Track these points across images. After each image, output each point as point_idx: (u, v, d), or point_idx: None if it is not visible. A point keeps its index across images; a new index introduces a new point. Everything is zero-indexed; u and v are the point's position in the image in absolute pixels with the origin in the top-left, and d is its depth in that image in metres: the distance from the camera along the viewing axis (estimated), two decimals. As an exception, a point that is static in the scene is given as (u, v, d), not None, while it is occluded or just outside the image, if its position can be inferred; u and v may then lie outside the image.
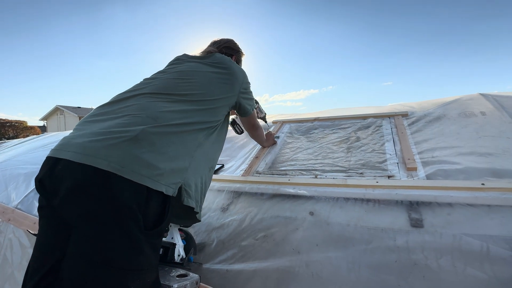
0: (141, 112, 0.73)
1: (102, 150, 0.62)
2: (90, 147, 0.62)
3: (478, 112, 1.48)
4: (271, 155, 1.56)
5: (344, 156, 1.37)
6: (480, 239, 0.76)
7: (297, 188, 1.14)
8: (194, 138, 0.78)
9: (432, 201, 0.92)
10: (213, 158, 0.89)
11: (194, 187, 0.76)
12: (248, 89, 1.05)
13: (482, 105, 1.55)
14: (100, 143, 0.63)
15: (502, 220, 0.80)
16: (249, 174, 1.38)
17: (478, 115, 1.44)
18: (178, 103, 0.80)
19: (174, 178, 0.69)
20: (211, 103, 0.87)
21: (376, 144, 1.41)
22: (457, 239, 0.78)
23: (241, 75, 1.01)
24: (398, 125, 1.54)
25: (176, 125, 0.74)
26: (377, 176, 1.12)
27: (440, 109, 1.63)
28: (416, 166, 1.11)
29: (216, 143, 0.91)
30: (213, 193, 1.31)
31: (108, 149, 0.62)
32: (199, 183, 0.79)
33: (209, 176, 0.87)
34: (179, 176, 0.70)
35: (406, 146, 1.28)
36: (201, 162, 0.80)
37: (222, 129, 0.97)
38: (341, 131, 1.69)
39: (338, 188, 1.08)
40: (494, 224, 0.79)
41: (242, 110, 1.07)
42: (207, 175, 0.85)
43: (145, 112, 0.73)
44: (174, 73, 0.92)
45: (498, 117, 1.37)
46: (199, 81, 0.89)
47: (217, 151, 0.93)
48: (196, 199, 0.77)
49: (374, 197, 0.99)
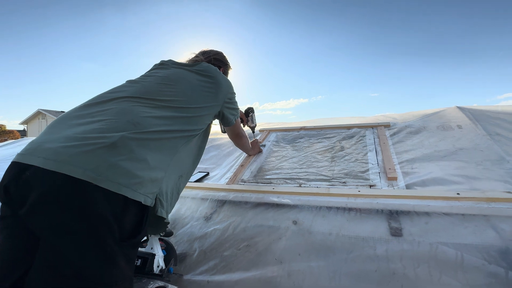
0: (121, 116, 0.71)
1: (76, 156, 0.59)
2: (63, 153, 0.59)
3: (455, 125, 1.55)
4: (257, 164, 1.56)
5: (328, 165, 1.39)
6: (455, 247, 0.79)
7: (281, 197, 1.15)
8: (173, 146, 0.77)
9: (411, 210, 0.94)
10: (185, 166, 0.87)
11: (165, 196, 0.74)
12: (232, 99, 1.05)
13: (459, 118, 1.63)
14: (75, 149, 0.60)
15: (475, 229, 0.83)
16: (234, 183, 1.37)
17: (455, 129, 1.51)
18: (159, 109, 0.79)
19: (152, 187, 0.67)
20: (193, 111, 0.86)
21: (359, 154, 1.45)
22: (434, 248, 0.81)
23: (226, 84, 1.01)
24: (381, 135, 1.59)
25: (156, 132, 0.72)
26: (360, 185, 1.14)
27: (420, 121, 1.69)
28: (396, 176, 1.14)
29: (192, 152, 0.90)
30: (196, 201, 1.29)
31: (84, 156, 0.59)
32: (169, 192, 0.77)
33: (178, 185, 0.84)
34: (156, 185, 0.69)
35: (388, 156, 1.32)
36: (174, 171, 0.78)
37: (202, 137, 0.96)
38: (326, 141, 1.72)
39: (321, 197, 1.09)
40: (468, 233, 0.82)
41: (225, 120, 1.07)
42: (177, 183, 0.82)
43: (125, 117, 0.71)
44: (158, 78, 0.91)
45: (473, 130, 1.45)
46: (183, 88, 0.88)
47: (191, 159, 0.91)
48: (167, 209, 0.76)
49: (356, 206, 1.01)
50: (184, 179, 0.89)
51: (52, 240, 0.55)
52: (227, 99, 1.01)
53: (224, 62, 1.22)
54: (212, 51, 1.21)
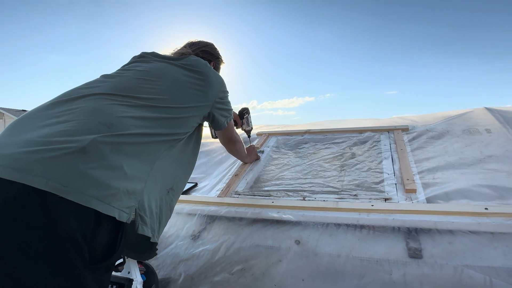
0: (92, 116, 0.70)
1: (38, 164, 0.58)
2: (22, 160, 0.58)
3: (483, 129, 1.57)
4: (254, 173, 1.57)
5: (337, 175, 1.40)
6: (483, 271, 0.80)
7: (281, 212, 1.16)
8: (154, 152, 0.77)
9: (432, 227, 0.95)
10: (173, 177, 0.86)
11: (148, 211, 0.73)
12: (224, 99, 1.06)
13: (487, 121, 1.65)
14: (36, 155, 0.59)
15: (506, 249, 0.84)
16: (227, 195, 1.38)
17: (483, 133, 1.54)
18: (138, 108, 0.79)
19: (129, 200, 0.66)
20: (178, 111, 0.86)
21: (373, 162, 1.46)
22: (459, 272, 0.82)
23: (217, 82, 1.02)
24: (398, 140, 1.61)
25: (134, 135, 0.72)
26: (373, 199, 1.15)
27: (443, 124, 1.72)
28: (415, 188, 1.15)
29: (180, 159, 0.90)
30: (182, 217, 1.29)
31: (47, 163, 0.58)
32: (154, 207, 0.76)
33: (168, 200, 0.83)
34: (134, 198, 0.68)
35: (406, 165, 1.34)
36: (158, 181, 0.77)
37: (190, 142, 0.96)
38: (335, 146, 1.74)
39: (329, 212, 1.10)
40: (498, 255, 0.83)
41: (215, 122, 1.07)
42: (165, 198, 0.81)
43: (97, 117, 0.70)
44: (137, 72, 0.91)
45: (504, 135, 1.47)
46: (167, 85, 0.88)
47: (180, 169, 0.91)
48: (152, 226, 0.74)
49: (369, 222, 1.02)
50: (176, 193, 0.89)
51: (8, 261, 0.54)
52: (218, 99, 1.01)
53: (215, 55, 1.23)
54: (202, 43, 1.22)
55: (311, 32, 71.05)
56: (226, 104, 1.08)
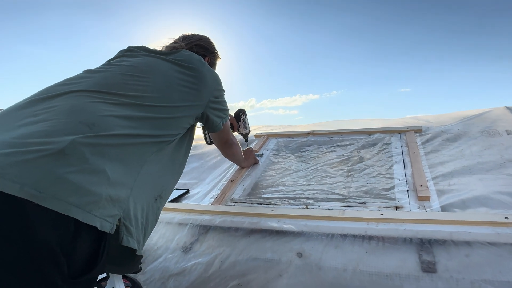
0: (72, 115, 0.70)
1: (12, 168, 0.57)
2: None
3: (504, 130, 1.59)
4: (251, 179, 1.57)
5: (343, 181, 1.41)
6: (503, 287, 0.81)
7: (282, 222, 1.16)
8: (140, 155, 0.77)
9: (448, 238, 0.96)
10: (162, 183, 0.87)
11: (134, 221, 0.73)
12: (220, 99, 1.06)
13: (508, 121, 1.67)
14: (10, 158, 0.58)
15: (527, 262, 0.85)
16: (222, 203, 1.38)
17: (503, 134, 1.55)
18: (124, 106, 0.79)
19: (113, 208, 0.66)
20: (167, 111, 0.87)
21: (382, 166, 1.48)
22: (476, 287, 0.82)
23: (212, 79, 1.03)
24: (410, 143, 1.62)
25: (118, 136, 0.72)
26: (382, 207, 1.16)
27: (460, 125, 1.73)
28: (429, 195, 1.17)
29: (170, 163, 0.90)
30: (172, 227, 1.30)
31: (22, 167, 0.58)
32: (140, 216, 0.76)
33: (155, 209, 0.83)
34: (118, 205, 0.68)
35: (419, 170, 1.35)
36: (145, 187, 0.78)
37: (182, 145, 0.97)
38: (341, 149, 1.75)
39: (334, 222, 1.11)
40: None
41: (209, 124, 1.07)
42: (152, 206, 0.82)
43: (78, 116, 0.70)
44: (124, 68, 0.91)
45: (526, 137, 1.48)
46: (156, 82, 0.89)
47: (170, 174, 0.91)
48: (138, 238, 0.74)
49: (378, 233, 1.03)
50: (163, 200, 0.89)
51: None
52: (212, 98, 1.02)
53: (211, 49, 1.24)
54: (196, 36, 1.23)
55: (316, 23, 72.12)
56: (222, 103, 1.09)
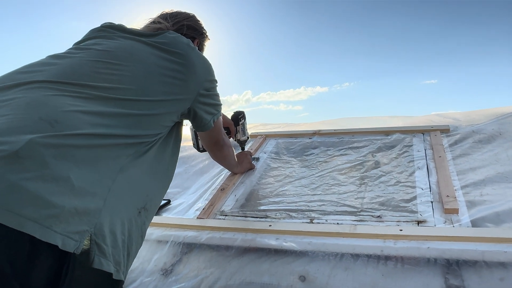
0: (31, 111, 0.70)
1: None
2: None
3: (546, 130, 1.60)
4: (245, 187, 1.57)
5: (355, 191, 1.42)
6: (543, 316, 0.82)
7: (282, 239, 1.16)
8: (114, 159, 0.77)
9: (479, 259, 0.97)
10: (146, 192, 0.87)
11: (111, 238, 0.72)
12: (211, 91, 1.06)
13: (551, 120, 1.69)
14: None
15: None
16: (209, 216, 1.38)
17: (545, 135, 1.57)
18: (93, 100, 0.79)
19: (79, 223, 0.66)
20: (147, 106, 0.87)
21: (402, 173, 1.48)
22: (512, 316, 0.84)
23: (203, 68, 1.03)
24: (435, 145, 1.63)
25: (87, 135, 0.72)
26: (402, 222, 1.17)
27: (494, 124, 1.74)
28: (457, 207, 1.17)
29: (154, 168, 0.90)
30: (149, 245, 1.29)
31: None
32: (119, 233, 0.75)
33: (139, 223, 0.84)
34: (87, 220, 0.67)
35: (445, 177, 1.36)
36: (124, 198, 0.78)
37: (167, 146, 0.97)
38: (353, 153, 1.75)
39: (344, 239, 1.11)
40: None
41: (197, 121, 1.08)
42: (135, 220, 0.82)
43: (38, 112, 0.70)
44: (95, 52, 0.91)
45: None
46: (133, 70, 0.89)
47: (156, 181, 0.92)
48: (116, 258, 0.74)
49: (396, 253, 1.03)
50: (149, 213, 0.89)
51: None
52: (202, 90, 1.02)
53: (199, 30, 1.24)
54: (181, 14, 1.22)
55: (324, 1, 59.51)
56: (213, 97, 1.08)
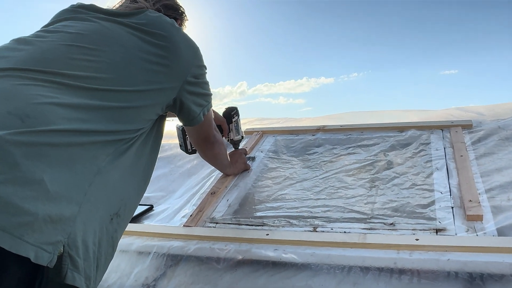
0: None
1: None
2: None
3: None
4: (239, 190, 1.57)
5: (364, 195, 1.41)
6: None
7: (281, 250, 1.16)
8: (91, 158, 0.78)
9: (506, 273, 0.96)
10: (121, 196, 0.88)
11: (83, 249, 0.73)
12: (200, 79, 1.07)
13: None
14: None
15: None
16: (198, 224, 1.38)
17: None
18: (69, 91, 0.80)
19: (53, 232, 0.66)
20: (127, 97, 0.88)
21: (418, 174, 1.48)
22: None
23: (190, 51, 1.03)
24: (456, 143, 1.63)
25: (62, 132, 0.73)
26: (418, 230, 1.16)
27: (523, 119, 1.75)
28: (481, 213, 1.16)
29: (132, 170, 0.91)
30: (129, 257, 1.29)
31: None
32: (91, 243, 0.76)
33: (110, 232, 0.84)
34: (61, 228, 0.68)
35: (467, 179, 1.35)
36: (99, 203, 0.79)
37: (147, 144, 0.97)
38: (362, 151, 1.74)
39: (352, 250, 1.11)
40: None
41: (185, 114, 1.09)
42: (107, 228, 0.83)
43: (6, 105, 0.71)
44: (67, 36, 0.92)
45: None
46: (112, 56, 0.90)
47: (132, 184, 0.93)
48: (87, 273, 0.75)
49: (412, 265, 1.02)
50: (122, 220, 0.90)
51: None
52: (190, 77, 1.02)
53: (179, 10, 1.25)
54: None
55: None
56: (203, 86, 1.09)
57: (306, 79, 54.67)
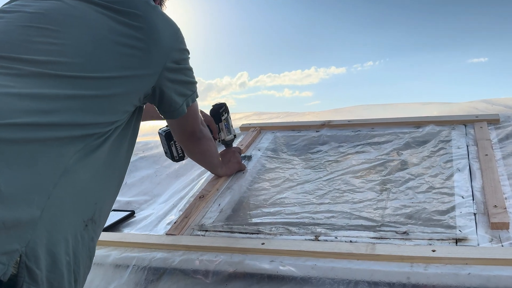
0: None
1: None
2: None
3: None
4: (232, 194, 1.57)
5: (374, 199, 1.41)
6: None
7: (278, 262, 1.15)
8: (56, 157, 0.77)
9: (538, 290, 0.95)
10: (94, 199, 0.88)
11: (47, 260, 0.73)
12: (182, 64, 1.07)
13: None
14: None
15: None
16: (184, 232, 1.38)
17: None
18: (28, 79, 0.80)
19: (7, 240, 0.66)
20: (97, 85, 0.87)
21: (437, 176, 1.47)
22: None
23: (169, 33, 1.03)
24: (480, 140, 1.62)
25: (21, 126, 0.73)
26: (435, 239, 1.16)
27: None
28: (508, 221, 1.15)
29: (106, 169, 0.91)
30: (104, 271, 1.29)
31: None
32: (62, 253, 0.77)
33: (86, 240, 0.85)
34: (18, 236, 0.68)
35: (493, 182, 1.34)
36: (67, 208, 0.79)
37: (123, 140, 0.98)
38: (373, 150, 1.75)
39: (359, 263, 1.10)
40: None
41: (166, 105, 1.09)
42: (81, 236, 0.83)
43: None
44: (25, 16, 0.92)
45: None
46: (78, 38, 0.90)
47: (106, 186, 0.93)
48: (55, 286, 0.75)
49: (427, 280, 1.02)
50: (98, 226, 0.91)
51: None
52: (170, 63, 1.02)
53: None
54: None
55: None
56: (185, 72, 1.10)
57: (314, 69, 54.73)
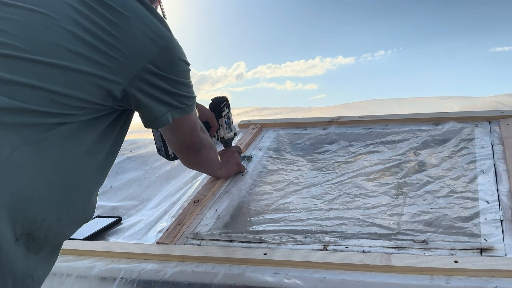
0: None
1: None
2: None
3: None
4: (231, 198, 1.57)
5: (389, 204, 1.41)
6: None
7: (282, 274, 1.16)
8: None
9: None
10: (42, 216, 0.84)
11: None
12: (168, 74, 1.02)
13: None
14: None
15: None
16: (177, 240, 1.38)
17: None
18: None
19: None
20: (39, 72, 0.85)
21: (459, 179, 1.47)
22: None
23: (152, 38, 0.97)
24: (507, 138, 1.62)
25: None
26: (458, 249, 1.16)
27: None
28: (538, 229, 1.16)
29: (60, 170, 0.89)
30: (88, 284, 1.29)
31: None
32: None
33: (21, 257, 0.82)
34: None
35: (521, 185, 1.35)
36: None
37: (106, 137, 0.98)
38: (387, 150, 1.75)
39: (373, 275, 1.11)
40: None
41: (145, 113, 1.04)
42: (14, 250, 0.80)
43: None
44: None
45: None
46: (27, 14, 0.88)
47: (63, 200, 0.90)
48: None
49: (449, 295, 1.02)
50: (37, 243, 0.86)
51: None
52: (149, 67, 0.97)
53: None
54: None
55: None
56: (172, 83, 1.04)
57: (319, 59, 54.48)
